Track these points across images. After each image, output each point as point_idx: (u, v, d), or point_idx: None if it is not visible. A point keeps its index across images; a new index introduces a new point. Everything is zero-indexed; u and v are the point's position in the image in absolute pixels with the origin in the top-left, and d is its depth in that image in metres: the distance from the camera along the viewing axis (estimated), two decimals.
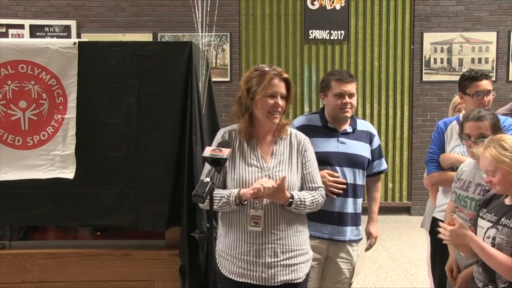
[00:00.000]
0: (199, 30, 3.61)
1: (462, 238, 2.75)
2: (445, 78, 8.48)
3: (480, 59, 8.52)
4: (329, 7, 8.54)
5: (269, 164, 2.98)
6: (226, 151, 2.83)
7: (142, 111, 3.18)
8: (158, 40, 8.40)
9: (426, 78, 8.58)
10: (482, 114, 3.25)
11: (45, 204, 3.21)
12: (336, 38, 8.58)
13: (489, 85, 3.74)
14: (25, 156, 3.20)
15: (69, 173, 3.19)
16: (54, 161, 3.21)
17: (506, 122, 3.59)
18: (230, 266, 2.99)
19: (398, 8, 8.58)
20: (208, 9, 3.63)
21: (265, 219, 2.91)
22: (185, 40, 7.89)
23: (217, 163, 2.81)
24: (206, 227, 3.13)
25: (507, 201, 2.79)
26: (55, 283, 3.23)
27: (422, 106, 8.61)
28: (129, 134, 3.19)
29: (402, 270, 6.17)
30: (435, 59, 8.54)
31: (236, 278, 2.98)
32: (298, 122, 3.66)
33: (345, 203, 3.54)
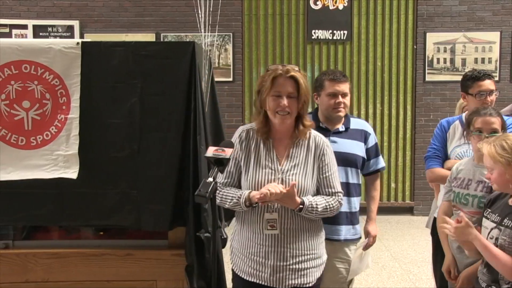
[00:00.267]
0: (202, 30, 3.61)
1: (466, 236, 2.76)
2: (448, 78, 8.48)
3: (483, 59, 8.51)
4: (332, 7, 8.54)
5: (283, 167, 2.97)
6: (229, 151, 2.83)
7: (145, 111, 3.17)
8: (161, 40, 8.41)
9: (429, 78, 8.57)
10: (493, 110, 3.29)
11: (48, 204, 3.21)
12: (339, 38, 8.58)
13: (491, 85, 3.74)
14: (28, 156, 3.20)
15: (72, 173, 3.19)
16: (57, 161, 3.20)
17: (507, 122, 3.60)
18: (242, 265, 3.04)
19: (401, 8, 8.58)
20: (211, 9, 3.63)
21: (280, 221, 2.92)
22: (188, 40, 7.91)
23: (220, 163, 2.81)
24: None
25: (511, 201, 2.80)
26: (58, 283, 3.23)
27: (425, 106, 8.61)
28: (132, 134, 3.18)
29: (405, 270, 6.16)
30: (438, 59, 8.53)
31: (246, 277, 3.02)
32: None
33: None
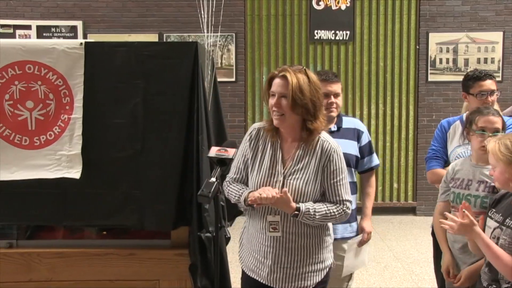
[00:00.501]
0: (205, 31, 3.63)
1: (469, 233, 2.77)
2: (450, 78, 8.46)
3: (486, 59, 8.50)
4: (334, 8, 8.54)
5: (286, 170, 2.94)
6: (231, 151, 2.85)
7: (148, 111, 3.18)
8: (164, 40, 8.42)
9: (431, 78, 8.56)
10: (494, 110, 3.31)
11: (51, 203, 3.22)
12: (341, 38, 8.58)
13: (493, 85, 3.75)
14: (32, 156, 3.21)
15: (75, 173, 3.20)
16: (60, 161, 3.22)
17: (507, 122, 3.61)
18: (246, 260, 3.08)
19: (404, 8, 8.57)
20: (213, 9, 3.65)
21: (282, 224, 2.92)
22: (190, 40, 7.90)
23: (222, 163, 2.83)
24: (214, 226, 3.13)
25: None
26: (62, 282, 3.24)
27: (428, 107, 8.61)
28: (134, 134, 3.19)
29: (408, 270, 6.17)
30: (441, 59, 8.53)
31: (249, 272, 3.05)
32: None
33: None
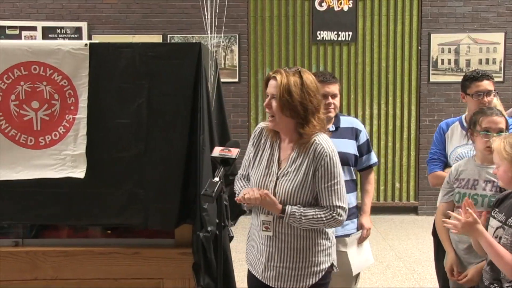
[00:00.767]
0: (208, 32, 3.65)
1: (472, 232, 2.77)
2: (452, 78, 8.48)
3: (487, 60, 8.51)
4: (337, 9, 8.57)
5: (280, 171, 2.94)
6: (234, 151, 2.87)
7: (152, 112, 3.19)
8: (168, 41, 8.46)
9: (433, 78, 8.59)
10: (497, 110, 3.34)
11: (56, 203, 3.24)
12: (343, 39, 8.60)
13: (490, 85, 3.75)
14: (37, 155, 3.23)
15: (79, 172, 3.21)
16: (65, 160, 3.23)
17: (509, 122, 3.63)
18: (249, 255, 3.12)
19: (406, 9, 8.59)
20: (217, 10, 3.67)
21: (273, 224, 2.93)
22: (194, 41, 7.94)
23: (226, 163, 2.85)
24: (216, 225, 3.15)
25: None
26: (67, 281, 3.26)
27: (429, 107, 8.63)
28: (139, 134, 3.20)
29: (410, 269, 6.19)
30: (443, 60, 8.55)
31: (250, 268, 3.11)
32: None
33: None
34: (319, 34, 8.61)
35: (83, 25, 8.57)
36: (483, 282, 2.91)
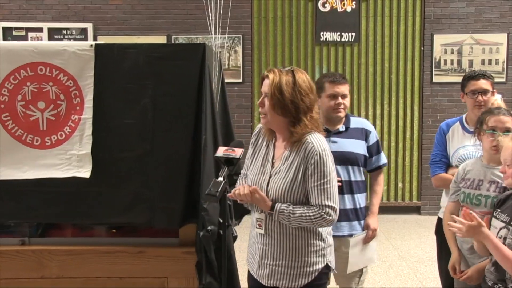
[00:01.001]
0: (212, 32, 3.67)
1: (477, 234, 2.77)
2: (455, 79, 8.46)
3: (490, 61, 8.52)
4: (340, 9, 8.59)
5: (273, 169, 2.97)
6: (238, 151, 2.89)
7: (157, 112, 3.20)
8: (172, 42, 8.48)
9: (436, 79, 8.60)
10: (505, 110, 3.35)
11: (62, 202, 3.25)
12: (347, 40, 8.62)
13: (486, 84, 3.76)
14: (43, 155, 3.24)
15: (85, 172, 3.23)
16: (71, 160, 3.24)
17: None
18: (247, 253, 3.16)
19: (409, 10, 8.61)
20: (221, 11, 3.69)
21: (266, 222, 2.96)
22: (198, 42, 7.97)
23: (230, 163, 2.87)
24: (220, 225, 3.17)
25: None
26: (73, 279, 3.28)
27: (432, 107, 8.64)
28: (144, 134, 3.22)
29: (412, 269, 6.20)
30: (445, 61, 8.55)
31: (248, 266, 3.14)
32: None
33: (342, 200, 3.60)
34: (323, 35, 8.64)
35: (89, 26, 8.60)
36: (486, 283, 2.92)
